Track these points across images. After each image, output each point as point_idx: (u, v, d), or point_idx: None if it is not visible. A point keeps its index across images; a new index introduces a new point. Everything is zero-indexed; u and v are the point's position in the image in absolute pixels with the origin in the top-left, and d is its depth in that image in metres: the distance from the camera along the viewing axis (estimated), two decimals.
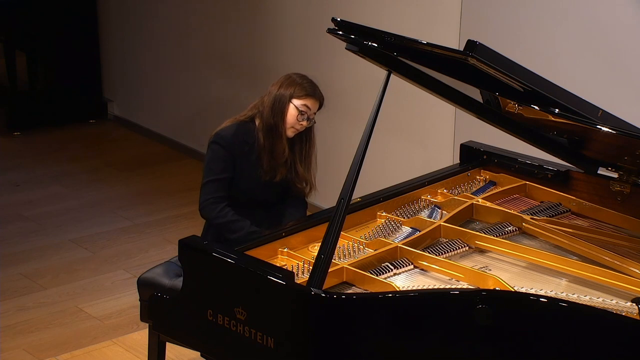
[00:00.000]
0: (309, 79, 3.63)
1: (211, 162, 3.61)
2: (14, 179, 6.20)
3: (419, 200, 3.59)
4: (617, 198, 3.40)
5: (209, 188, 3.59)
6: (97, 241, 5.36)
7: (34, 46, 7.13)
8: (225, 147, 3.58)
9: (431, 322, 2.72)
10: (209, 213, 3.58)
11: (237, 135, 3.60)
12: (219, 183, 3.59)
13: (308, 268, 3.04)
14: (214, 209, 3.57)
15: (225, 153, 3.58)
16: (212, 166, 3.60)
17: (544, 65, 3.92)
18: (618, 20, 4.08)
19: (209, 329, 2.97)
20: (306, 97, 3.57)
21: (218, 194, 3.58)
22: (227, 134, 3.60)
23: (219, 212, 3.57)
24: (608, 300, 2.84)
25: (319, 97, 3.61)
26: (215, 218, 3.57)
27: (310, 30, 5.52)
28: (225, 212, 3.57)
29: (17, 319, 4.56)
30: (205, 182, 3.61)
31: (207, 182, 3.60)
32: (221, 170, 3.59)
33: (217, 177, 3.59)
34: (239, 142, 3.60)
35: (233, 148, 3.59)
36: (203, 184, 3.62)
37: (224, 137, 3.60)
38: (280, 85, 3.60)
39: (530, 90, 2.86)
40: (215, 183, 3.59)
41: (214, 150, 3.61)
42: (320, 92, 3.63)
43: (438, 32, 4.79)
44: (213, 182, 3.59)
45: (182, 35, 6.55)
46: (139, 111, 7.14)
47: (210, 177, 3.60)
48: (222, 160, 3.59)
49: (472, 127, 4.28)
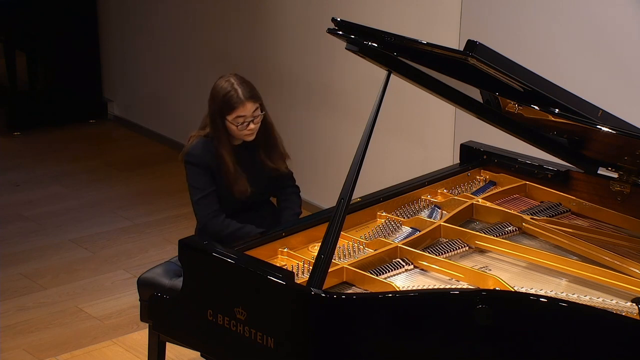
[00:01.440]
0: (231, 82, 3.56)
1: (193, 180, 3.63)
2: (14, 179, 6.20)
3: (419, 200, 3.59)
4: (617, 198, 3.40)
5: (202, 205, 3.60)
6: (97, 241, 5.36)
7: (34, 46, 7.13)
8: (198, 164, 3.61)
9: (431, 322, 2.72)
10: (213, 228, 3.59)
11: (205, 150, 3.62)
12: (210, 197, 3.61)
13: (308, 268, 3.04)
14: (216, 222, 3.58)
15: (201, 169, 3.61)
16: (195, 184, 3.62)
17: (544, 65, 3.92)
18: (618, 20, 4.08)
19: (209, 329, 2.97)
20: (234, 110, 3.54)
21: (213, 207, 3.60)
22: (195, 151, 3.62)
23: (222, 224, 3.57)
24: (608, 300, 2.84)
25: (247, 97, 3.54)
26: (221, 231, 3.57)
27: (310, 30, 5.52)
28: (227, 222, 3.58)
29: (17, 319, 4.56)
30: (196, 200, 3.62)
31: (197, 200, 3.62)
32: (205, 184, 3.61)
33: (205, 192, 3.61)
34: (209, 156, 3.62)
35: (206, 162, 3.61)
36: (194, 202, 3.63)
37: (194, 154, 3.62)
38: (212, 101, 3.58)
39: (530, 90, 2.86)
40: (206, 199, 3.61)
41: (190, 169, 3.64)
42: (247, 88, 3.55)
43: (438, 32, 4.78)
44: (204, 198, 3.61)
45: (182, 35, 6.55)
46: (139, 111, 7.14)
47: (198, 195, 3.61)
48: (202, 175, 3.61)
49: (472, 127, 4.28)
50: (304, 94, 5.57)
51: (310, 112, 5.52)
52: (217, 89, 3.58)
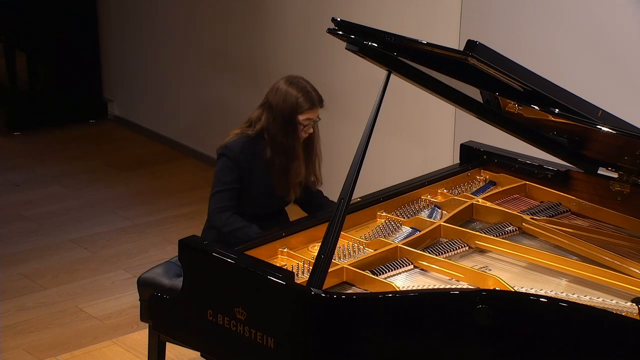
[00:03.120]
0: (303, 84, 3.59)
1: (220, 173, 3.63)
2: (14, 179, 6.20)
3: (419, 200, 3.59)
4: (617, 198, 3.40)
5: (217, 198, 3.61)
6: (97, 241, 5.36)
7: (34, 46, 7.13)
8: (233, 159, 3.60)
9: (431, 322, 2.72)
10: (217, 221, 3.59)
11: (245, 150, 3.62)
12: (228, 193, 3.61)
13: (308, 268, 3.04)
14: (222, 217, 3.58)
15: (233, 165, 3.60)
16: (220, 177, 3.62)
17: (544, 65, 3.92)
18: (618, 20, 4.08)
19: (209, 329, 2.97)
20: (308, 111, 3.58)
21: (225, 203, 3.60)
22: (235, 147, 3.62)
23: (227, 220, 3.57)
24: (608, 300, 2.84)
25: (319, 102, 3.61)
26: (224, 226, 3.57)
27: (310, 30, 5.52)
28: (233, 219, 3.58)
29: (17, 319, 4.56)
30: (214, 192, 3.63)
31: (215, 192, 3.62)
32: (230, 180, 3.61)
33: (226, 187, 3.61)
34: (246, 156, 3.61)
35: (241, 161, 3.61)
36: (212, 194, 3.64)
37: (232, 149, 3.62)
38: (282, 99, 3.58)
39: (530, 90, 2.86)
40: (224, 193, 3.60)
41: (222, 161, 3.63)
42: (318, 93, 3.61)
43: (438, 32, 4.78)
44: (221, 192, 3.61)
45: (182, 35, 6.55)
46: (139, 111, 7.14)
47: (218, 187, 3.62)
48: (231, 172, 3.61)
49: (472, 127, 4.28)
50: None
51: None
52: (289, 90, 3.58)
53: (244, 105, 6.03)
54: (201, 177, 6.08)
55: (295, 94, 3.57)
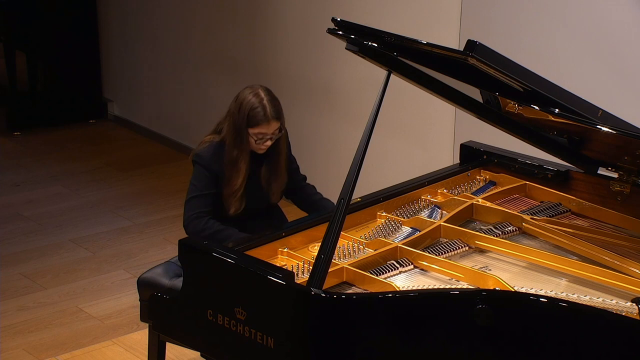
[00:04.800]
0: (261, 97, 3.57)
1: (194, 179, 3.65)
2: (14, 179, 6.20)
3: (419, 200, 3.59)
4: (617, 198, 3.40)
5: (192, 204, 3.61)
6: (97, 241, 5.36)
7: (34, 46, 7.12)
8: (205, 166, 3.62)
9: (431, 322, 2.72)
10: (194, 228, 3.59)
11: (215, 155, 3.63)
12: (203, 199, 3.61)
13: (308, 268, 3.04)
14: (198, 223, 3.58)
15: (207, 172, 3.62)
16: (195, 183, 3.64)
17: (544, 65, 3.92)
18: (618, 20, 4.08)
19: (209, 329, 2.97)
20: (258, 126, 3.56)
21: (201, 209, 3.60)
22: (205, 155, 3.63)
23: (204, 225, 3.57)
24: (608, 300, 2.84)
25: (274, 117, 3.56)
26: (202, 231, 3.57)
27: (310, 30, 5.52)
28: (210, 224, 3.58)
29: (17, 319, 4.56)
30: (189, 199, 3.63)
31: (190, 198, 3.63)
32: (204, 186, 3.62)
33: (201, 193, 3.62)
34: (218, 161, 3.62)
35: (213, 168, 3.62)
36: (186, 201, 3.64)
37: (203, 157, 3.63)
38: (238, 109, 3.58)
39: (530, 90, 2.86)
40: (199, 199, 3.61)
41: (196, 169, 3.66)
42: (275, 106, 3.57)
43: (438, 32, 4.79)
44: (196, 197, 3.61)
45: (182, 35, 6.55)
46: (139, 111, 7.15)
47: (193, 193, 3.63)
48: (205, 177, 3.62)
49: (472, 127, 4.28)
50: (304, 94, 5.57)
51: (310, 112, 5.52)
52: (245, 100, 3.58)
53: None
54: None
55: (250, 106, 3.56)
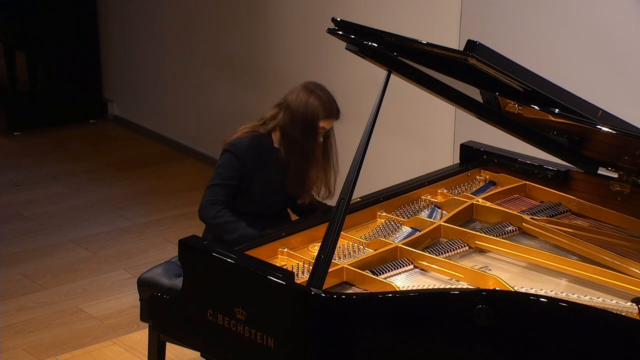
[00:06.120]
0: (326, 92, 3.60)
1: (220, 167, 3.63)
2: (14, 179, 6.20)
3: (419, 200, 3.59)
4: (617, 198, 3.40)
5: (212, 191, 3.60)
6: (97, 241, 5.36)
7: (34, 46, 7.12)
8: (238, 156, 3.60)
9: (431, 322, 2.72)
10: (207, 213, 3.59)
11: (252, 147, 3.61)
12: (223, 188, 3.60)
13: (308, 268, 3.04)
14: (212, 209, 3.58)
15: (237, 162, 3.60)
16: (220, 171, 3.62)
17: (544, 65, 3.92)
18: (618, 20, 4.08)
19: (209, 329, 2.97)
20: (327, 119, 3.59)
21: (219, 197, 3.59)
22: (241, 145, 3.61)
23: (217, 213, 3.57)
24: (608, 300, 2.84)
25: (337, 114, 3.61)
26: (213, 218, 3.57)
27: (310, 30, 5.52)
28: (222, 213, 3.57)
29: (17, 319, 4.56)
30: (210, 185, 3.62)
31: (211, 185, 3.62)
32: (229, 177, 3.60)
33: (223, 182, 3.60)
34: (252, 154, 3.61)
35: (246, 159, 3.60)
36: (207, 186, 3.63)
37: (237, 147, 3.61)
38: (304, 103, 3.57)
39: (530, 90, 2.86)
40: (220, 187, 3.60)
41: (226, 157, 3.63)
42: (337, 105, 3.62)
43: (438, 32, 4.78)
44: (217, 186, 3.60)
45: (182, 35, 6.55)
46: (139, 111, 7.15)
47: (216, 181, 3.61)
48: (232, 168, 3.60)
49: (472, 127, 4.28)
50: None
51: None
52: (317, 93, 3.58)
53: (244, 105, 6.04)
54: (201, 177, 6.07)
55: (325, 98, 3.57)
